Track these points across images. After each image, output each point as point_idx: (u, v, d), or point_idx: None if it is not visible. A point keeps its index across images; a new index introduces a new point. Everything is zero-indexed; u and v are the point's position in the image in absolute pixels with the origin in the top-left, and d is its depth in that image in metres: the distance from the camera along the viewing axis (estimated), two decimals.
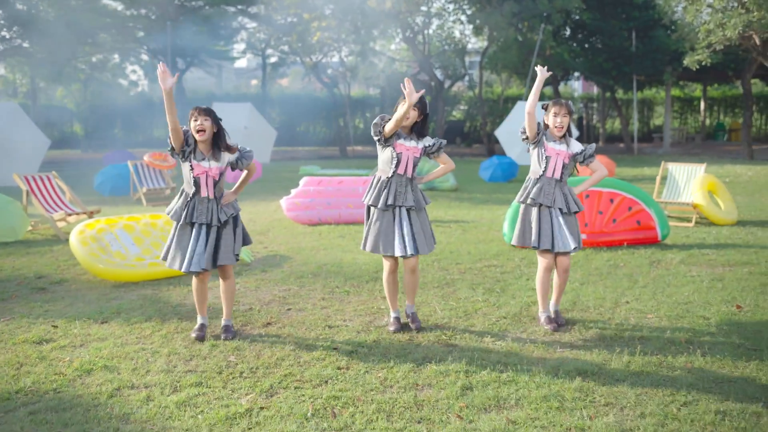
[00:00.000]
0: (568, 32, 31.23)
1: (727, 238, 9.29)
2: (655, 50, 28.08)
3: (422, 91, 5.18)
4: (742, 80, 26.61)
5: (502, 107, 33.66)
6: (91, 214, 10.40)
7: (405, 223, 5.32)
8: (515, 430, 3.73)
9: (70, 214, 10.32)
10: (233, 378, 4.51)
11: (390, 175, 5.34)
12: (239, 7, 32.11)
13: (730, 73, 30.07)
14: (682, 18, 27.21)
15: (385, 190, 5.33)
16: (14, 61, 32.46)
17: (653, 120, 41.03)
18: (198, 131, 5.07)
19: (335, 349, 5.04)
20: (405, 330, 5.47)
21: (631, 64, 28.46)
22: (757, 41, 21.61)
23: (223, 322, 5.43)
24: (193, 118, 5.09)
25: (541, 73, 5.54)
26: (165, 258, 5.29)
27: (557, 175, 5.49)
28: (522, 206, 5.64)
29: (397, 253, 5.26)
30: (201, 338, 5.27)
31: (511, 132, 24.11)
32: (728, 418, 3.87)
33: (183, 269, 5.13)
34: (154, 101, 35.86)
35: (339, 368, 4.66)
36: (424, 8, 29.40)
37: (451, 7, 30.54)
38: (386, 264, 5.49)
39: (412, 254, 5.28)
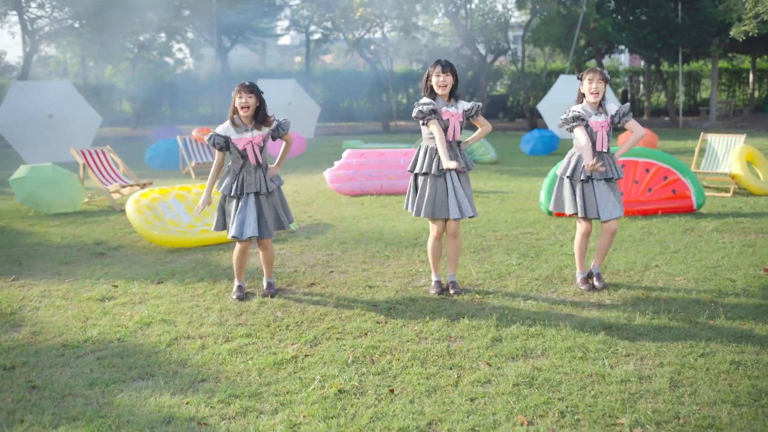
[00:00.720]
0: (612, 4, 30.83)
1: (764, 207, 9.37)
2: (702, 22, 27.59)
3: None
4: None
5: (545, 81, 33.44)
6: (143, 186, 10.90)
7: (457, 187, 5.52)
8: (539, 376, 4.02)
9: (124, 186, 10.84)
10: (280, 330, 4.88)
11: None
12: None
13: None
14: None
15: (436, 157, 5.51)
16: (65, 41, 33.30)
17: (700, 93, 40.31)
18: (242, 107, 5.46)
19: (375, 305, 5.39)
20: (444, 293, 5.76)
21: (677, 36, 28.03)
22: None
23: (265, 281, 5.83)
24: (238, 96, 5.47)
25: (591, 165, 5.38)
26: (219, 228, 5.73)
27: (606, 147, 5.65)
28: (567, 179, 5.72)
29: (454, 215, 5.44)
30: (241, 298, 5.66)
31: (553, 106, 24.05)
32: (742, 367, 4.10)
33: (231, 235, 5.52)
34: (200, 79, 36.50)
35: (378, 322, 5.00)
36: None
37: None
38: (434, 229, 5.69)
39: (466, 216, 5.49)
